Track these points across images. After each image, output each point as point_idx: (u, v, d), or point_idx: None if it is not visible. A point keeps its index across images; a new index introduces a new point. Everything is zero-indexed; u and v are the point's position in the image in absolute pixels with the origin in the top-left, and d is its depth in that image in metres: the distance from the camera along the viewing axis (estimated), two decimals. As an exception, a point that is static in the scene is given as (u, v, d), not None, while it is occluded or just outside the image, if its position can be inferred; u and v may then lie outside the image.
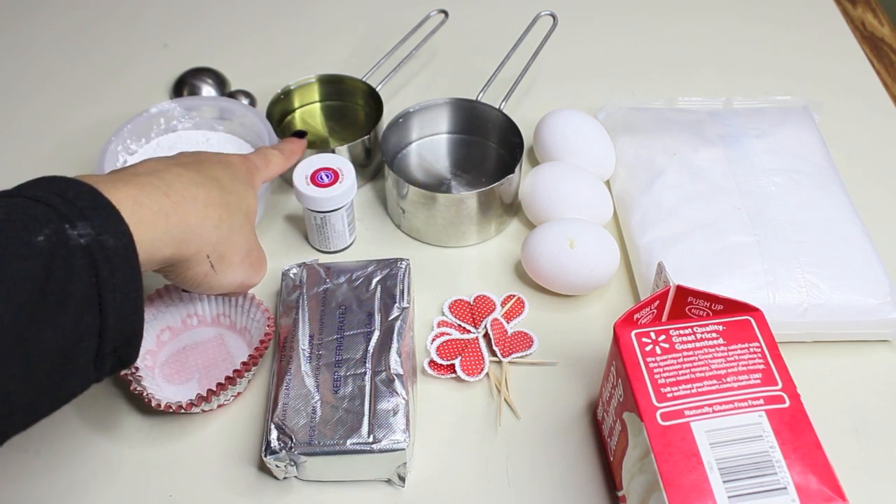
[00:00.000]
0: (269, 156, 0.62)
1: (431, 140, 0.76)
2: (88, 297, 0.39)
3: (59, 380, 0.40)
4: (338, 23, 0.92)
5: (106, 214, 0.41)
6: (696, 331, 0.48)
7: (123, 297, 0.41)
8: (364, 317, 0.58)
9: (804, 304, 0.60)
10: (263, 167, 0.60)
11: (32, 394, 0.39)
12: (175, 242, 0.46)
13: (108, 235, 0.40)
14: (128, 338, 0.43)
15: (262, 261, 0.57)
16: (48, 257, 0.38)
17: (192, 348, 0.61)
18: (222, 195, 0.51)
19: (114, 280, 0.40)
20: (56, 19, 0.93)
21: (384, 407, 0.53)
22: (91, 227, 0.39)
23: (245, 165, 0.57)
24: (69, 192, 0.41)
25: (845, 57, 0.88)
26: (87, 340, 0.40)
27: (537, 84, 0.84)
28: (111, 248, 0.40)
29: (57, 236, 0.38)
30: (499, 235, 0.71)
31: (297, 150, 0.66)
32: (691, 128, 0.72)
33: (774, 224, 0.64)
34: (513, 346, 0.61)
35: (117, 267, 0.40)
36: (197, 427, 0.58)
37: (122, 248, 0.41)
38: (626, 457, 0.49)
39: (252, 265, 0.55)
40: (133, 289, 0.41)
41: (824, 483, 0.42)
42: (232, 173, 0.54)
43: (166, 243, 0.45)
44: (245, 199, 0.54)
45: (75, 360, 0.40)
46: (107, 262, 0.40)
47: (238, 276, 0.54)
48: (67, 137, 0.79)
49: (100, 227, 0.40)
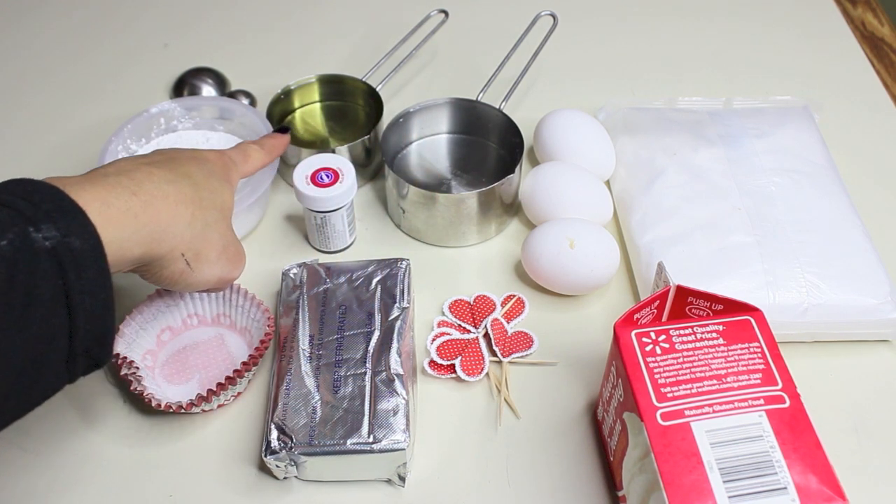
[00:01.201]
0: (249, 151, 0.61)
1: (431, 140, 0.76)
2: (55, 299, 0.39)
3: (29, 382, 0.40)
4: (338, 23, 0.92)
5: (72, 216, 0.41)
6: (697, 331, 0.48)
7: (93, 298, 0.41)
8: (364, 317, 0.58)
9: (804, 304, 0.60)
10: (242, 162, 0.59)
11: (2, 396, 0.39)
12: (146, 242, 0.46)
13: (75, 237, 0.40)
14: (99, 338, 0.43)
15: (239, 255, 0.56)
16: (11, 261, 0.38)
17: (192, 348, 0.61)
18: (195, 192, 0.50)
19: (81, 282, 0.40)
20: (56, 19, 0.93)
21: (384, 407, 0.53)
22: (56, 230, 0.39)
23: (221, 161, 0.56)
24: (35, 195, 0.41)
25: (845, 57, 0.88)
26: (57, 342, 0.40)
27: (537, 84, 0.84)
28: (78, 250, 0.40)
29: (21, 240, 0.38)
30: (499, 235, 0.71)
31: (278, 145, 0.65)
32: (691, 128, 0.72)
33: (774, 224, 0.64)
34: (513, 346, 0.61)
35: (85, 268, 0.40)
36: (197, 427, 0.58)
37: (90, 250, 0.41)
38: (627, 457, 0.49)
39: (230, 260, 0.54)
40: (102, 289, 0.41)
41: (824, 483, 0.42)
42: (206, 169, 0.53)
43: (136, 243, 0.45)
44: (220, 194, 0.53)
45: (45, 362, 0.40)
46: (74, 263, 0.40)
47: (215, 271, 0.53)
48: (67, 137, 0.79)
49: (65, 229, 0.40)
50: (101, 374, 0.60)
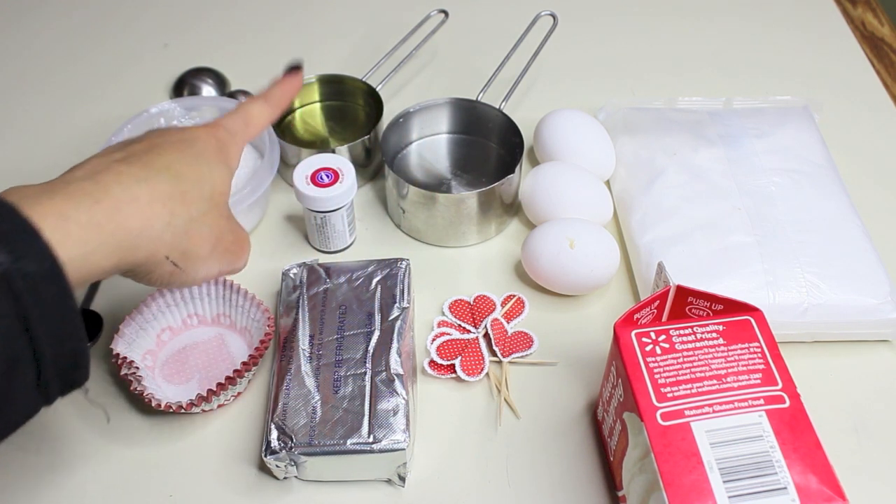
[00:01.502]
0: (250, 112, 0.53)
1: (431, 140, 0.76)
2: (11, 326, 0.36)
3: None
4: (338, 23, 0.92)
5: (25, 237, 0.37)
6: (696, 331, 0.48)
7: (55, 322, 0.38)
8: (364, 317, 0.58)
9: (804, 304, 0.60)
10: (243, 128, 0.52)
11: None
12: (115, 252, 0.41)
13: (28, 260, 0.37)
14: (70, 361, 0.40)
15: (239, 244, 0.50)
16: None
17: (192, 348, 0.61)
18: (175, 185, 0.45)
19: (39, 308, 0.37)
20: (56, 19, 0.93)
21: (384, 407, 0.53)
22: (8, 253, 0.36)
23: (213, 138, 0.49)
24: None
25: (845, 57, 0.88)
26: (22, 369, 0.38)
27: (537, 84, 0.84)
28: (33, 274, 0.37)
29: None
30: (499, 235, 0.71)
31: (287, 92, 0.56)
32: (691, 128, 0.72)
33: (774, 224, 0.64)
34: (513, 346, 0.61)
35: (42, 292, 0.37)
36: (197, 427, 0.58)
37: (46, 272, 0.37)
38: (627, 457, 0.49)
39: (227, 251, 0.49)
40: (65, 312, 0.38)
41: (824, 483, 0.42)
42: (193, 153, 0.47)
43: (104, 255, 0.41)
44: (208, 181, 0.47)
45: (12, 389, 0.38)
46: (29, 289, 0.37)
47: (212, 267, 0.48)
48: (67, 137, 0.79)
49: (18, 252, 0.36)
50: (101, 374, 0.60)
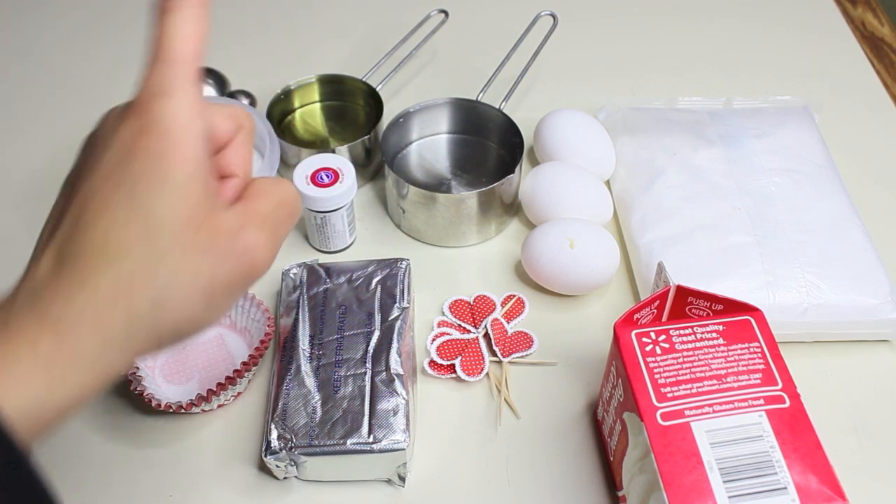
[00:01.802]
0: (166, 32, 0.36)
1: (431, 140, 0.76)
2: None
3: None
4: (338, 23, 0.92)
5: None
6: (696, 331, 0.48)
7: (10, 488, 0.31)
8: (364, 317, 0.58)
9: (804, 304, 0.60)
10: (176, 67, 0.36)
11: None
12: (78, 385, 0.33)
13: None
14: None
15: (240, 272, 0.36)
16: None
17: (192, 348, 0.61)
18: (117, 274, 0.33)
19: None
20: (56, 19, 0.93)
21: (384, 407, 0.53)
22: None
23: (136, 136, 0.35)
24: None
25: (845, 57, 0.88)
26: None
27: (537, 84, 0.84)
28: None
29: None
30: (499, 235, 0.71)
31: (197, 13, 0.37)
32: (691, 128, 0.72)
33: (774, 224, 0.64)
34: (513, 346, 0.61)
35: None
36: (197, 427, 0.58)
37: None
38: (627, 457, 0.49)
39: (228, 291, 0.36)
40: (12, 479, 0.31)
41: (824, 483, 0.42)
42: (124, 193, 0.35)
43: (64, 397, 0.32)
44: (155, 226, 0.33)
45: None
46: None
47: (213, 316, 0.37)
48: (68, 137, 0.79)
49: None
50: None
